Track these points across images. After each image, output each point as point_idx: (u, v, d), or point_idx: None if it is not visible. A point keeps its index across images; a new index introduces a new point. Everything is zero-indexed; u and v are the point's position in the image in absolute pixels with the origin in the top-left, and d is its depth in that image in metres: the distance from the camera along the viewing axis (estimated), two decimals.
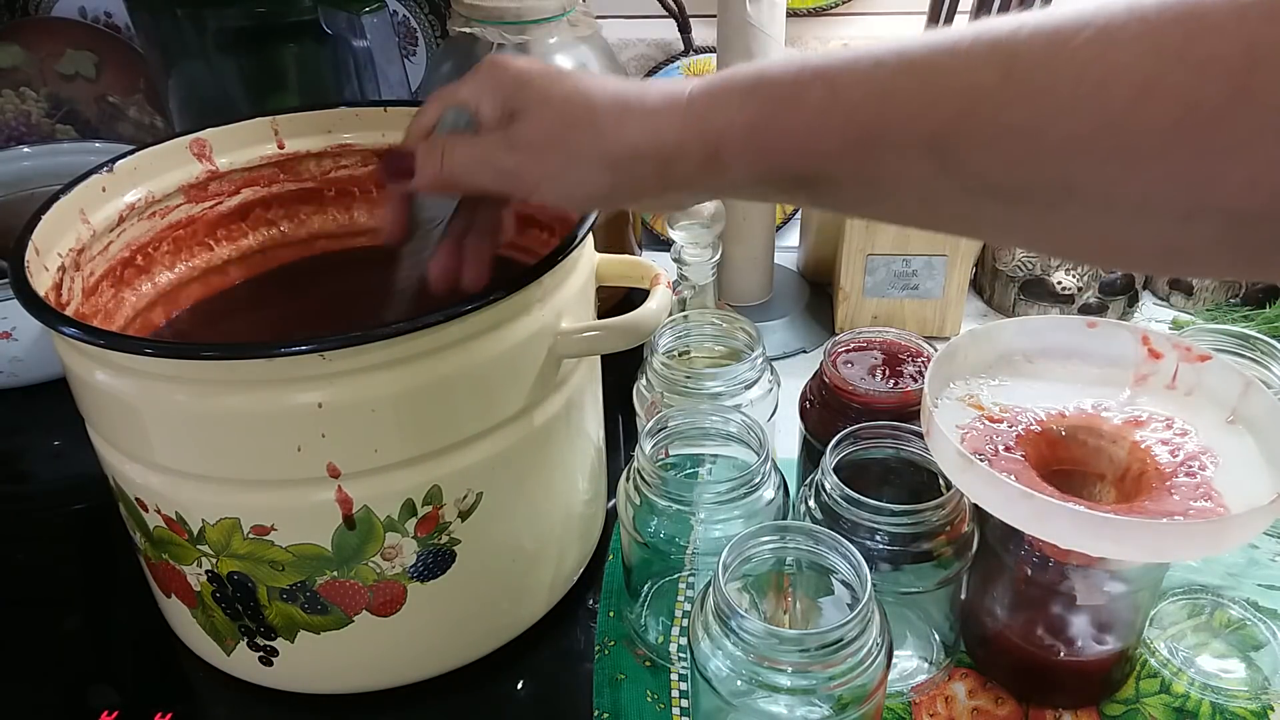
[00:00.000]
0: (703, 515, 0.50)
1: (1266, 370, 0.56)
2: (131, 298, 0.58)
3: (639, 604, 0.56)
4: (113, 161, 0.55)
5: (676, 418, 0.54)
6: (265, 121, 0.62)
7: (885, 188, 0.35)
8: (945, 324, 0.80)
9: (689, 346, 0.63)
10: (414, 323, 0.42)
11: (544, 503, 0.53)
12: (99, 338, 0.43)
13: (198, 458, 0.45)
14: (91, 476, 0.53)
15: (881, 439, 0.53)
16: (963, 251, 0.76)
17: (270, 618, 0.49)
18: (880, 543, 0.48)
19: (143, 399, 0.44)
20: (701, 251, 0.69)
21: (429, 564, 0.49)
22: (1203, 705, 0.51)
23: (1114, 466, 0.49)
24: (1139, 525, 0.42)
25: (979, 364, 0.53)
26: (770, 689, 0.41)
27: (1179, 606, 0.56)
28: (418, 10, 0.99)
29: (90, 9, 1.00)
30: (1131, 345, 0.52)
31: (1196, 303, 0.83)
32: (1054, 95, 0.29)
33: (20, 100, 0.99)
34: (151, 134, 1.01)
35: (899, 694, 0.52)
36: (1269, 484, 0.45)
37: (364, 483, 0.45)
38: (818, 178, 0.36)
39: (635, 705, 0.52)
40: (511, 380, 0.48)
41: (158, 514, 0.47)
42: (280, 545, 0.46)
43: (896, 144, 0.33)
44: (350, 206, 0.66)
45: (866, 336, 0.60)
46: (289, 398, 0.42)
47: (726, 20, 0.73)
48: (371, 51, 0.79)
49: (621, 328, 0.49)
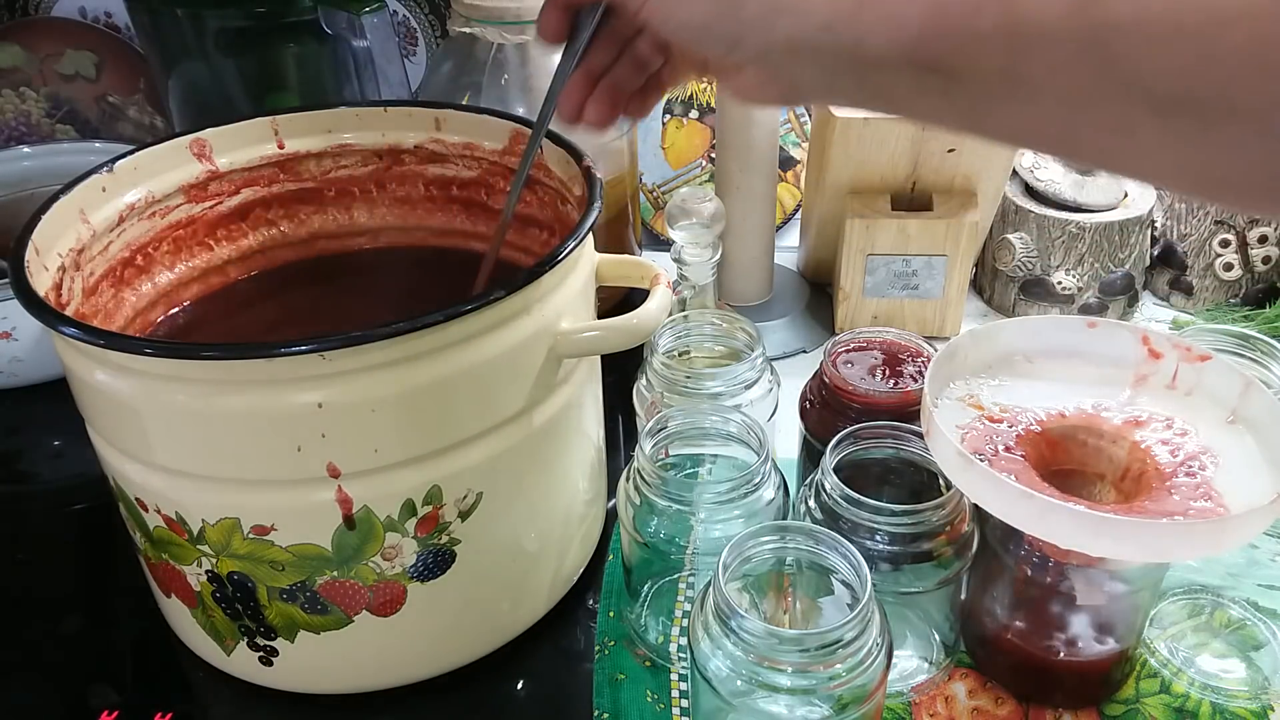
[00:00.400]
0: (703, 515, 0.50)
1: (1266, 370, 0.56)
2: (131, 298, 0.58)
3: (639, 604, 0.56)
4: (113, 161, 0.55)
5: (676, 418, 0.54)
6: (265, 121, 0.62)
7: (1031, 85, 0.32)
8: (945, 324, 0.80)
9: (689, 346, 0.63)
10: (414, 323, 0.42)
11: (544, 503, 0.53)
12: (99, 338, 0.43)
13: (198, 458, 0.45)
14: (91, 476, 0.53)
15: (881, 439, 0.53)
16: (963, 251, 0.76)
17: (270, 618, 0.49)
18: (880, 543, 0.48)
19: (143, 399, 0.44)
20: (701, 251, 0.69)
21: (429, 564, 0.49)
22: (1203, 705, 0.51)
23: (1114, 466, 0.49)
24: (1139, 525, 0.42)
25: (979, 364, 0.53)
26: (770, 689, 0.41)
27: (1179, 606, 0.56)
28: (418, 10, 0.99)
29: (90, 9, 1.00)
30: (1131, 345, 0.52)
31: (1196, 303, 0.83)
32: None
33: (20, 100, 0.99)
34: (151, 134, 1.01)
35: (899, 694, 0.52)
36: (1269, 484, 0.45)
37: (364, 483, 0.45)
38: (959, 65, 0.33)
39: (635, 705, 0.52)
40: (511, 380, 0.48)
41: (158, 514, 0.47)
42: (280, 545, 0.46)
43: (1054, 34, 0.30)
44: (350, 206, 0.66)
45: (866, 336, 0.60)
46: (289, 398, 0.42)
47: None
48: (371, 51, 0.80)
49: (621, 328, 0.49)
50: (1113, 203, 0.80)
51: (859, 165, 0.75)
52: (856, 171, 0.76)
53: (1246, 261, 0.79)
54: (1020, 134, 0.35)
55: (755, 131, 0.76)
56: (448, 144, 0.63)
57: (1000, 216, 0.82)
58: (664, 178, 0.95)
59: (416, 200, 0.66)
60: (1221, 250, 0.80)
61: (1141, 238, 0.81)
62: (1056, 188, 0.79)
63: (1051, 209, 0.79)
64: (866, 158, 0.74)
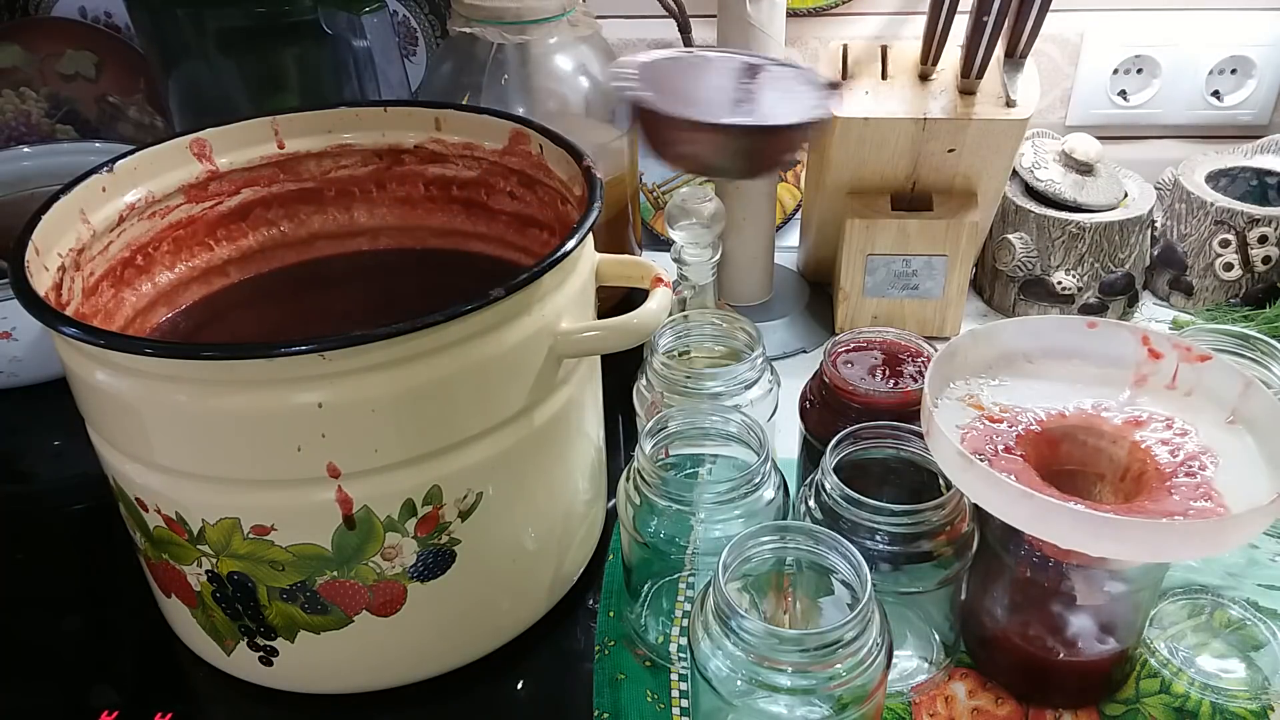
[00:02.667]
0: (703, 515, 0.50)
1: (1266, 370, 0.56)
2: (131, 298, 0.58)
3: (639, 604, 0.56)
4: (113, 161, 0.55)
5: (676, 418, 0.54)
6: (265, 121, 0.62)
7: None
8: (945, 324, 0.80)
9: (689, 346, 0.63)
10: (414, 323, 0.42)
11: (544, 503, 0.53)
12: (99, 338, 0.43)
13: (198, 458, 0.45)
14: (91, 476, 0.53)
15: (881, 439, 0.53)
16: (963, 251, 0.76)
17: (270, 618, 0.49)
18: (880, 543, 0.48)
19: (143, 399, 0.44)
20: (701, 251, 0.69)
21: (429, 564, 0.49)
22: (1203, 705, 0.51)
23: (1114, 466, 0.49)
24: (1139, 525, 0.42)
25: (979, 364, 0.53)
26: (770, 689, 0.41)
27: (1179, 606, 0.56)
28: (418, 10, 0.99)
29: (90, 9, 0.99)
30: (1131, 345, 0.52)
31: (1196, 303, 0.83)
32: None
33: (20, 100, 0.99)
34: (151, 134, 1.01)
35: (899, 694, 0.52)
36: (1269, 484, 0.45)
37: (364, 483, 0.45)
38: None
39: (635, 705, 0.52)
40: (511, 380, 0.48)
41: (158, 514, 0.47)
42: (280, 545, 0.46)
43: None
44: (350, 206, 0.66)
45: (866, 336, 0.60)
46: (289, 398, 0.42)
47: (726, 20, 0.73)
48: (371, 51, 0.80)
49: (621, 328, 0.49)
50: (1113, 203, 0.80)
51: (859, 165, 0.75)
52: (856, 171, 0.76)
53: (1246, 261, 0.79)
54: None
55: None
56: (448, 144, 0.63)
57: (1000, 216, 0.82)
58: (664, 178, 0.95)
59: (416, 200, 0.66)
60: (1221, 250, 0.80)
61: (1141, 238, 0.81)
62: (1056, 188, 0.79)
63: (1051, 209, 0.79)
64: (866, 158, 0.74)
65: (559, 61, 0.75)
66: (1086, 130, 0.86)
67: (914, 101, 0.71)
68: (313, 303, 0.64)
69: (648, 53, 0.49)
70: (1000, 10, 0.65)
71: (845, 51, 0.74)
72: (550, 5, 0.73)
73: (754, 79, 0.51)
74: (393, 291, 0.65)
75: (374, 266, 0.66)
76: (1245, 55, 0.90)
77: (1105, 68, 0.92)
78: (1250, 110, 0.93)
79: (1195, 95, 0.92)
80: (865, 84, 0.72)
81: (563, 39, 0.75)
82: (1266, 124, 0.93)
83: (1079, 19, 0.91)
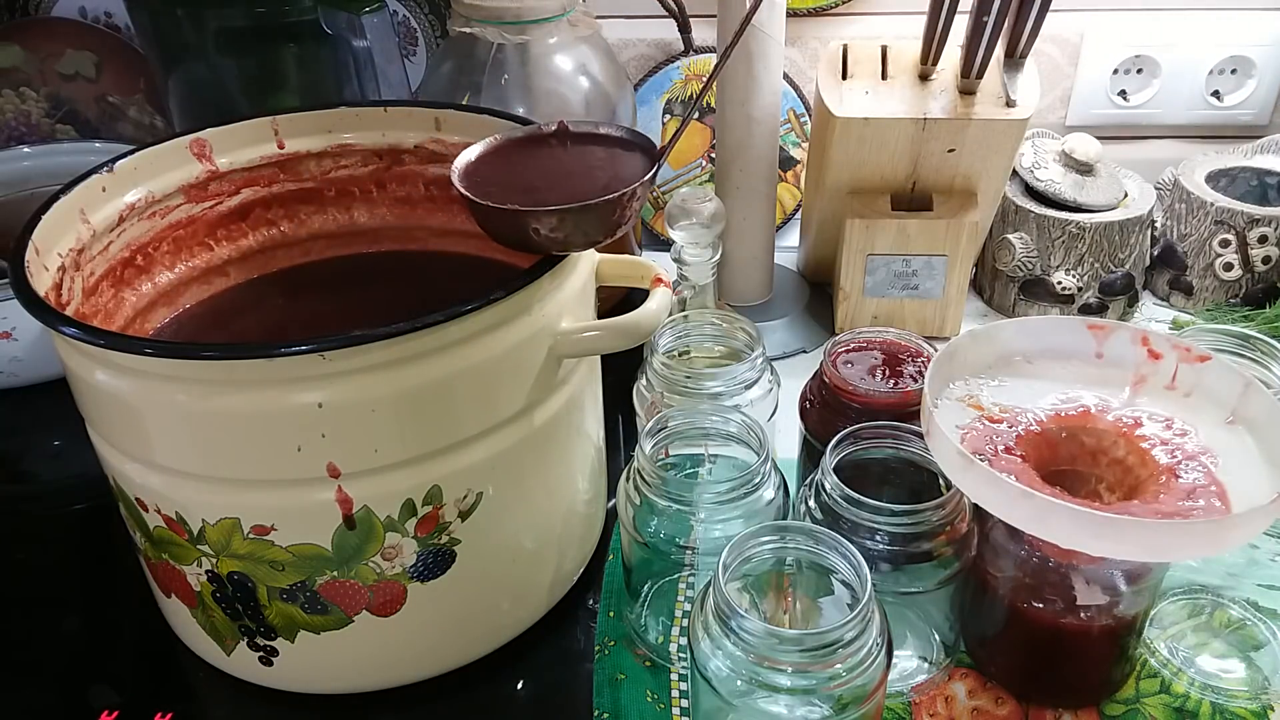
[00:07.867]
0: (703, 515, 0.50)
1: (1266, 370, 0.56)
2: (131, 298, 0.58)
3: (639, 604, 0.56)
4: (113, 161, 0.55)
5: (676, 418, 0.54)
6: (265, 121, 0.62)
7: None
8: (945, 324, 0.80)
9: (689, 346, 0.63)
10: (414, 323, 0.42)
11: (544, 503, 0.53)
12: (99, 338, 0.43)
13: (198, 458, 0.45)
14: (91, 476, 0.53)
15: (881, 439, 0.53)
16: (963, 251, 0.76)
17: (270, 618, 0.49)
18: (880, 543, 0.48)
19: (143, 399, 0.44)
20: (701, 251, 0.69)
21: (429, 564, 0.49)
22: (1203, 705, 0.51)
23: (1114, 467, 0.49)
24: (1139, 525, 0.42)
25: (979, 364, 0.53)
26: (770, 689, 0.41)
27: (1179, 606, 0.56)
28: (418, 10, 0.99)
29: (90, 9, 0.99)
30: (1131, 346, 0.52)
31: (1196, 303, 0.83)
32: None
33: (20, 100, 0.99)
34: (151, 134, 1.01)
35: (899, 694, 0.52)
36: (1269, 484, 0.45)
37: (364, 483, 0.45)
38: None
39: (635, 705, 0.52)
40: (511, 380, 0.48)
41: (158, 514, 0.47)
42: (280, 545, 0.46)
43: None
44: (350, 206, 0.66)
45: (866, 336, 0.60)
46: (289, 398, 0.42)
47: (726, 20, 0.73)
48: (371, 51, 0.80)
49: (621, 328, 0.49)
50: (1113, 203, 0.80)
51: (859, 165, 0.75)
52: (856, 171, 0.76)
53: (1246, 261, 0.79)
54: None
55: (755, 131, 0.76)
56: (448, 144, 0.63)
57: (1000, 216, 0.82)
58: (664, 178, 0.95)
59: (417, 200, 0.66)
60: (1221, 250, 0.80)
61: (1141, 238, 0.81)
62: (1056, 188, 0.79)
63: (1051, 209, 0.79)
64: (866, 158, 0.74)
65: (559, 61, 0.75)
66: (1086, 130, 0.86)
67: (914, 101, 0.71)
68: (313, 303, 0.64)
69: (471, 148, 0.53)
70: (1000, 10, 0.65)
71: (845, 51, 0.74)
72: (550, 5, 0.73)
73: (580, 150, 0.53)
74: (393, 291, 0.65)
75: (374, 266, 0.66)
76: (1245, 55, 0.90)
77: (1105, 68, 0.92)
78: (1250, 110, 0.93)
79: (1195, 95, 0.92)
80: (865, 84, 0.72)
81: (563, 39, 0.75)
82: (1266, 124, 0.93)
83: (1079, 19, 0.91)
